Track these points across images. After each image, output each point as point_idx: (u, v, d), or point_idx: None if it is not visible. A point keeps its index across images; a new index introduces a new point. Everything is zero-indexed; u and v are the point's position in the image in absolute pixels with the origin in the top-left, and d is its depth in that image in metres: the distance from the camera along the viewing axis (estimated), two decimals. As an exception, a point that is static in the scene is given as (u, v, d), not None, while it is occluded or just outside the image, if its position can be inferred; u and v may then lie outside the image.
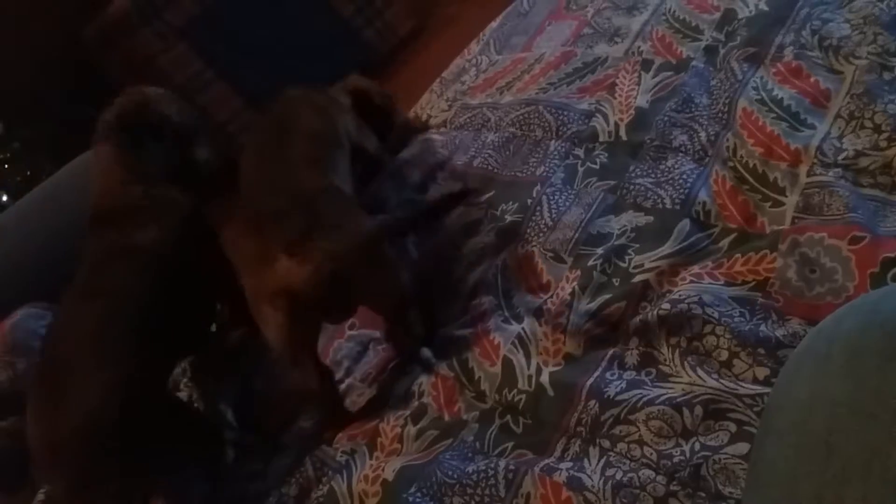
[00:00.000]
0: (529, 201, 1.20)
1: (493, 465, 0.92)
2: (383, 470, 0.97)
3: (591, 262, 1.07)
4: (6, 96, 2.29)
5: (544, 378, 0.97)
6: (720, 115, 1.18)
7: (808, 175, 1.02)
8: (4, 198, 1.99)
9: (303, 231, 1.00)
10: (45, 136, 2.31)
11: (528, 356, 1.00)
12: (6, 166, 2.08)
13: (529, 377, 0.98)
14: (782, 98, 1.13)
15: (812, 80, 1.13)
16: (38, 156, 2.20)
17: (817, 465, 0.49)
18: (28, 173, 2.12)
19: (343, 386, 1.16)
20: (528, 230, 1.17)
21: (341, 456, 1.03)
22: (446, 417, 1.02)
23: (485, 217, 1.24)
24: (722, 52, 1.28)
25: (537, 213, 1.18)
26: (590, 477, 0.87)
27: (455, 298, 1.15)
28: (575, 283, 1.05)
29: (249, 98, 3.15)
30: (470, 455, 0.95)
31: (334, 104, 1.34)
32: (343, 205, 1.11)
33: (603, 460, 0.88)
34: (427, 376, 1.07)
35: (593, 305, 1.02)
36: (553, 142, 1.28)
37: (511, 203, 1.22)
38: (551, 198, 1.20)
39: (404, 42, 3.18)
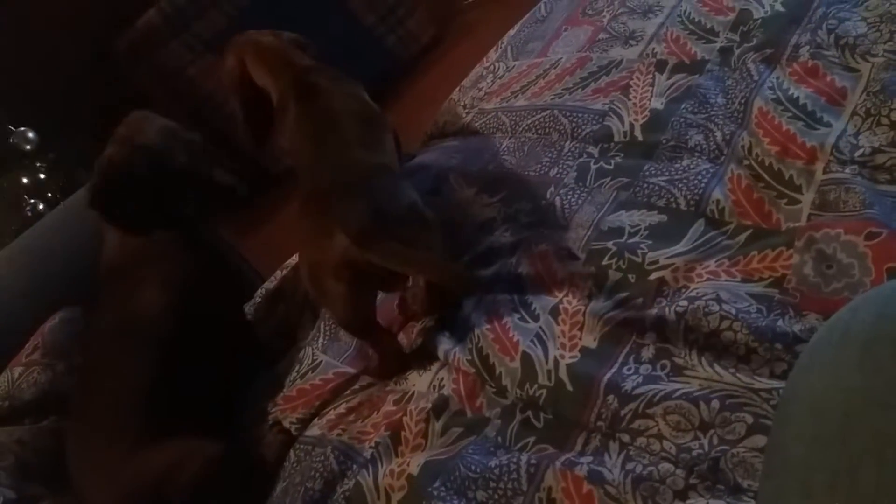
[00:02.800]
0: (543, 202, 1.21)
1: (515, 460, 0.92)
2: (408, 465, 0.97)
3: (605, 260, 1.07)
4: (41, 109, 2.34)
5: (562, 372, 0.97)
6: (736, 114, 1.18)
7: (825, 172, 1.02)
8: (41, 206, 2.04)
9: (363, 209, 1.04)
10: (78, 148, 2.35)
11: (545, 349, 1.01)
12: (42, 176, 2.13)
13: (549, 371, 0.98)
14: (798, 97, 1.13)
15: (828, 78, 1.12)
16: (73, 167, 2.24)
17: (831, 453, 0.49)
18: (62, 184, 2.16)
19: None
20: (542, 230, 1.17)
21: (368, 450, 1.04)
22: (468, 413, 1.02)
23: (498, 216, 1.24)
24: (737, 52, 1.27)
25: (550, 213, 1.19)
26: (610, 471, 0.87)
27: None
28: (590, 281, 1.06)
29: (275, 107, 3.19)
30: (492, 450, 0.96)
31: (359, 87, 1.37)
32: (394, 180, 1.14)
33: (623, 454, 0.88)
34: (447, 370, 1.08)
35: (609, 302, 1.02)
36: (568, 143, 1.28)
37: (525, 203, 1.23)
38: (564, 198, 1.20)
39: (425, 49, 3.19)
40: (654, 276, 1.03)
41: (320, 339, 1.31)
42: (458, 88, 1.56)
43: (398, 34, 3.16)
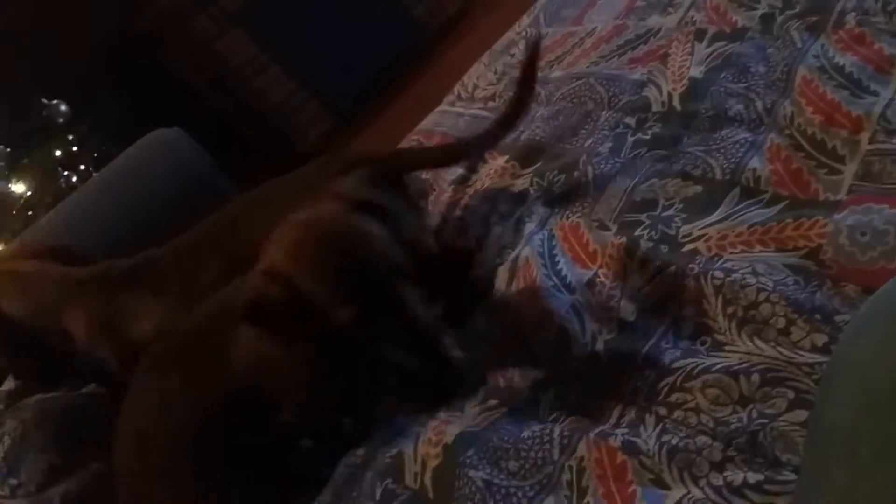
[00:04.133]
0: (576, 173, 1.20)
1: (548, 431, 0.92)
2: (445, 434, 0.98)
3: (637, 231, 1.06)
4: (72, 82, 2.36)
5: (599, 346, 0.97)
6: (778, 83, 1.15)
7: (870, 143, 0.99)
8: (74, 178, 2.07)
9: None
10: (109, 120, 2.38)
11: (582, 323, 1.00)
12: (74, 148, 2.15)
13: (584, 345, 0.98)
14: (844, 65, 1.10)
15: (876, 46, 1.09)
16: (104, 138, 2.27)
17: (880, 422, 0.49)
18: (94, 155, 2.19)
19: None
20: (574, 201, 1.16)
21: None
22: (501, 384, 1.03)
23: (531, 186, 1.24)
24: (779, 19, 1.24)
25: (584, 184, 1.18)
26: (645, 442, 0.86)
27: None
28: (623, 252, 1.05)
29: (303, 80, 3.19)
30: (525, 421, 0.96)
31: None
32: None
33: (659, 427, 0.88)
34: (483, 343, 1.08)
35: (644, 274, 1.01)
36: (604, 112, 1.26)
37: (558, 174, 1.22)
38: (597, 168, 1.19)
39: (453, 20, 3.17)
40: (687, 247, 1.01)
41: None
42: (488, 52, 1.54)
43: (425, 4, 3.14)
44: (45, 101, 2.16)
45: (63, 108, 2.18)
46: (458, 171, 1.35)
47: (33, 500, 1.13)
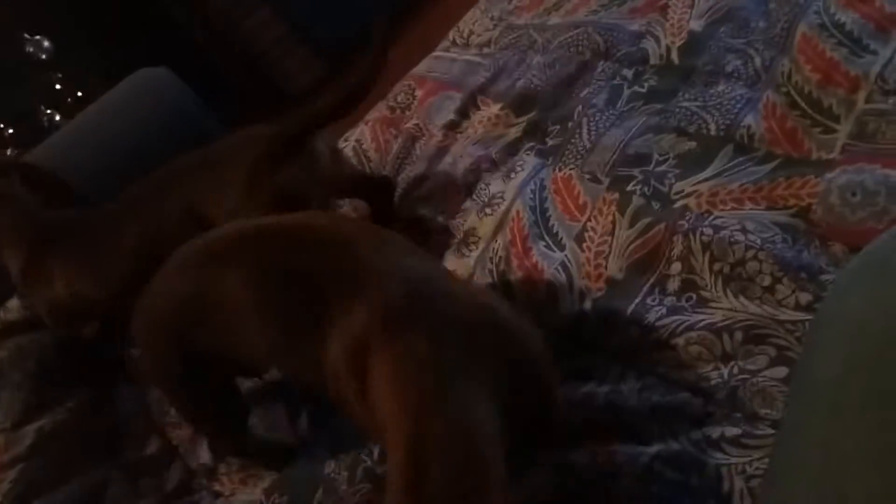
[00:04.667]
0: (571, 123, 1.18)
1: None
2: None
3: (630, 186, 1.05)
4: (55, 17, 2.29)
5: (587, 304, 0.96)
6: (777, 39, 1.13)
7: (866, 102, 0.97)
8: (58, 117, 2.02)
9: None
10: (94, 60, 2.32)
11: (570, 281, 1.00)
12: (57, 87, 2.10)
13: (573, 303, 0.98)
14: (845, 22, 1.07)
15: (877, 3, 1.06)
16: (88, 76, 2.21)
17: (866, 375, 0.48)
18: (79, 94, 2.13)
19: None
20: (567, 152, 1.14)
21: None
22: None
23: (525, 135, 1.21)
24: (782, -28, 1.21)
25: (577, 135, 1.16)
26: (625, 398, 0.87)
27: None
28: (614, 207, 1.04)
29: (294, 23, 3.12)
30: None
31: None
32: None
33: (640, 383, 0.88)
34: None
35: (633, 231, 1.00)
36: (601, 63, 1.24)
37: (553, 125, 1.20)
38: (592, 119, 1.16)
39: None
40: (678, 204, 1.00)
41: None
42: (486, -5, 1.50)
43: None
44: (27, 35, 2.10)
45: (46, 44, 2.11)
46: (448, 115, 1.32)
47: (8, 436, 1.13)
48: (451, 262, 1.13)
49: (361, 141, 1.42)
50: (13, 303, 1.36)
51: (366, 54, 1.11)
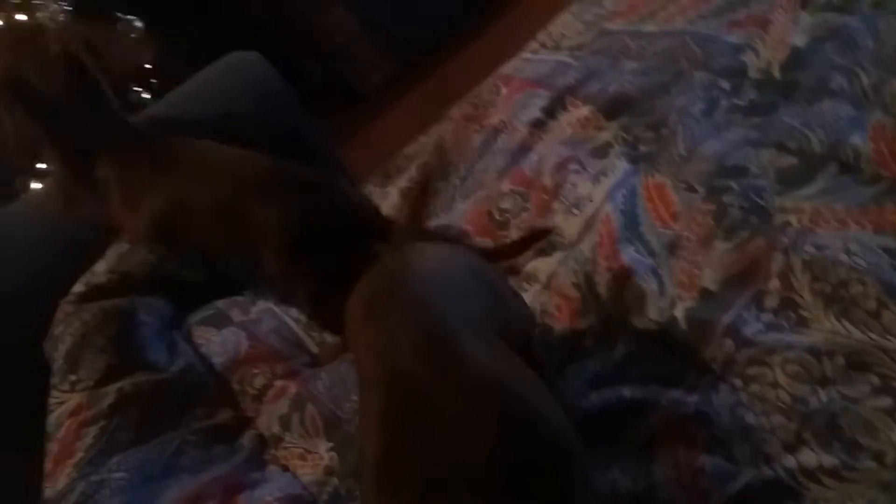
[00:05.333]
0: (665, 130, 1.14)
1: (616, 394, 0.89)
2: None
3: (726, 198, 1.01)
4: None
5: (678, 312, 0.92)
6: (887, 60, 1.08)
7: None
8: (145, 95, 2.05)
9: None
10: (178, 43, 2.35)
11: (661, 287, 0.96)
12: (147, 66, 2.13)
13: (661, 309, 0.94)
14: (961, 45, 1.02)
15: None
16: (175, 57, 2.24)
17: None
18: (166, 73, 2.16)
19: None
20: (661, 160, 1.11)
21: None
22: (570, 340, 0.99)
23: (615, 140, 1.18)
24: (895, -7, 1.16)
25: (671, 143, 1.12)
26: (718, 413, 0.83)
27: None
28: (710, 218, 1.00)
29: (368, 22, 3.13)
30: (592, 381, 0.93)
31: None
32: None
33: (733, 399, 0.84)
34: (549, 292, 1.05)
35: (730, 244, 0.96)
36: (698, 73, 1.20)
37: (645, 129, 1.16)
38: (688, 128, 1.12)
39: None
40: (778, 219, 0.96)
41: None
42: (576, 2, 1.47)
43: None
44: (119, 15, 2.14)
45: (137, 24, 2.15)
46: (535, 113, 1.29)
47: (91, 394, 1.14)
48: (534, 261, 1.10)
49: (444, 137, 1.41)
50: (100, 266, 1.38)
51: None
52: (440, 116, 1.51)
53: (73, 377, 1.19)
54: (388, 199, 1.40)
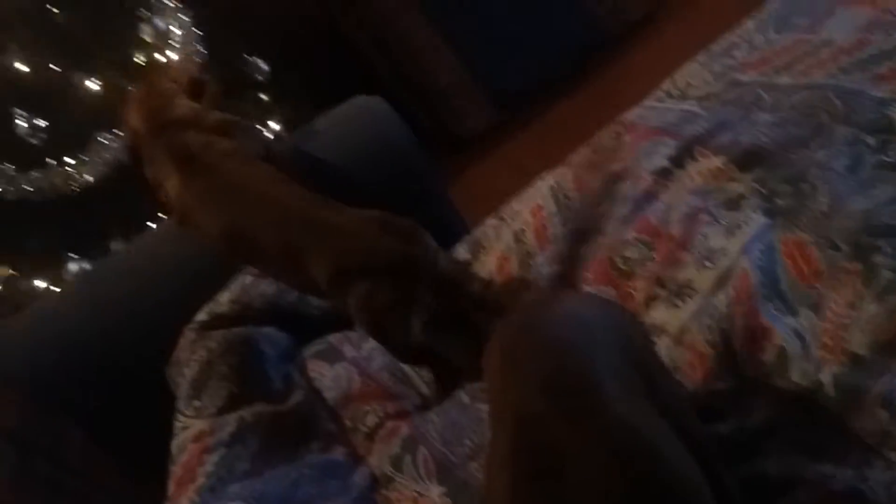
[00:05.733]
0: (804, 185, 1.08)
1: (758, 465, 0.84)
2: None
3: (876, 258, 0.94)
4: (273, 42, 2.45)
5: (825, 376, 0.86)
6: None
7: None
8: (268, 134, 2.15)
9: None
10: (296, 84, 2.45)
11: (805, 349, 0.91)
12: (267, 99, 2.24)
13: (806, 372, 0.88)
14: None
15: None
16: (298, 99, 2.34)
17: None
18: (288, 116, 2.27)
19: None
20: (801, 215, 1.06)
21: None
22: (701, 398, 0.95)
23: (749, 193, 1.14)
24: None
25: (813, 199, 1.06)
26: (873, 490, 0.77)
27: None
28: (857, 279, 0.94)
29: (473, 68, 3.18)
30: (731, 447, 0.88)
31: None
32: None
33: (889, 475, 0.77)
34: (681, 347, 1.00)
35: (882, 308, 0.90)
36: (840, 127, 1.14)
37: (783, 184, 1.11)
38: (830, 184, 1.06)
39: (636, 25, 3.05)
40: (935, 285, 0.89)
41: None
42: (704, 52, 1.44)
43: (609, 6, 3.04)
44: (246, 56, 2.26)
45: (263, 65, 2.26)
46: (661, 161, 1.26)
47: (213, 421, 1.17)
48: (662, 313, 1.06)
49: (561, 181, 1.39)
50: (224, 297, 1.42)
51: None
52: (542, 162, 1.50)
53: (197, 403, 1.22)
54: (502, 240, 1.39)
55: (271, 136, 2.09)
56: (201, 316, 1.42)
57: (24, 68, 1.82)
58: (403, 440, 1.16)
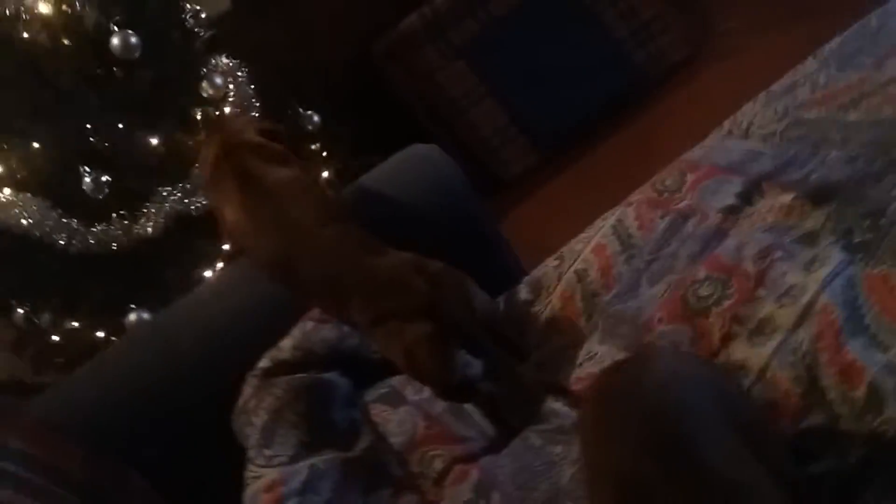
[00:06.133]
0: (883, 220, 1.07)
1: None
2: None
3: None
4: (323, 95, 2.52)
5: (924, 412, 0.84)
6: None
7: None
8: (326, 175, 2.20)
9: None
10: (345, 134, 2.51)
11: (900, 384, 0.88)
12: (323, 152, 2.29)
13: (903, 407, 0.85)
14: None
15: None
16: (346, 150, 2.39)
17: None
18: (338, 166, 2.32)
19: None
20: (882, 251, 1.03)
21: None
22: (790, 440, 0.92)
23: (824, 229, 1.12)
24: None
25: (893, 234, 1.04)
26: None
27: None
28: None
29: (514, 115, 3.22)
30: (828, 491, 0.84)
31: None
32: None
33: None
34: (763, 383, 0.98)
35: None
36: (915, 162, 1.13)
37: (860, 220, 1.09)
38: (910, 219, 1.05)
39: (674, 68, 3.07)
40: None
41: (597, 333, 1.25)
42: (764, 92, 1.44)
43: (648, 50, 3.06)
44: (301, 110, 2.32)
45: (315, 118, 2.32)
46: (728, 199, 1.25)
47: (284, 470, 1.16)
48: (742, 351, 1.03)
49: (623, 220, 1.38)
50: (286, 343, 1.43)
51: None
52: (584, 202, 1.50)
53: (268, 452, 1.21)
54: (564, 279, 1.38)
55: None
56: (264, 363, 1.42)
57: (90, 127, 1.88)
58: (475, 485, 1.14)
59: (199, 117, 2.04)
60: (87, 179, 1.85)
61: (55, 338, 2.07)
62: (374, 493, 1.16)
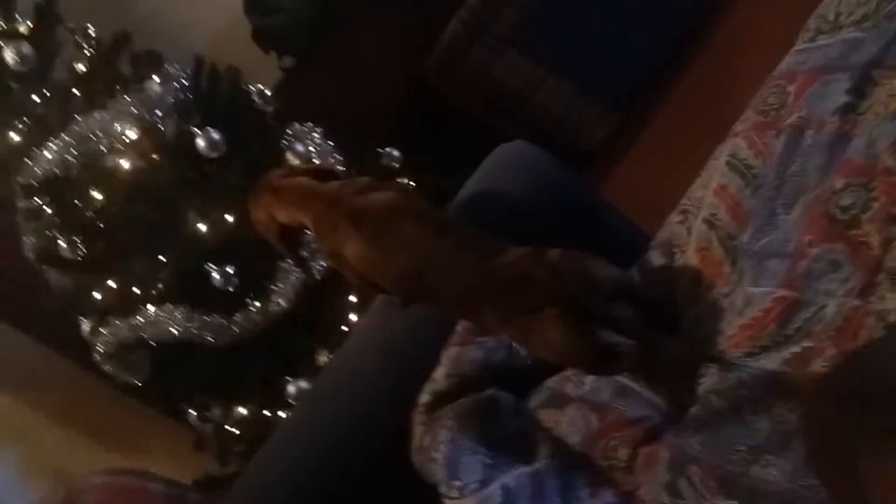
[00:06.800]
0: None
1: None
2: None
3: None
4: (392, 129, 2.57)
5: None
6: None
7: None
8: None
9: None
10: (433, 157, 2.53)
11: None
12: (416, 184, 2.33)
13: None
14: None
15: None
16: (430, 178, 2.42)
17: None
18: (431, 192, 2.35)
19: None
20: None
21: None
22: None
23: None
24: None
25: None
26: None
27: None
28: None
29: (581, 85, 3.15)
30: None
31: None
32: None
33: None
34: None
35: None
36: None
37: None
38: None
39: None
40: None
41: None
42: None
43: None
44: (380, 150, 2.36)
45: (395, 153, 2.36)
46: (840, 99, 1.14)
47: (480, 495, 1.17)
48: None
49: (736, 153, 1.30)
50: (439, 373, 1.44)
51: None
52: (674, 150, 1.42)
53: (458, 483, 1.22)
54: (694, 232, 1.31)
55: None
56: (424, 398, 1.44)
57: (203, 227, 1.99)
58: (668, 464, 1.10)
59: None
60: (215, 275, 1.96)
61: (230, 428, 2.19)
62: (573, 494, 1.15)
